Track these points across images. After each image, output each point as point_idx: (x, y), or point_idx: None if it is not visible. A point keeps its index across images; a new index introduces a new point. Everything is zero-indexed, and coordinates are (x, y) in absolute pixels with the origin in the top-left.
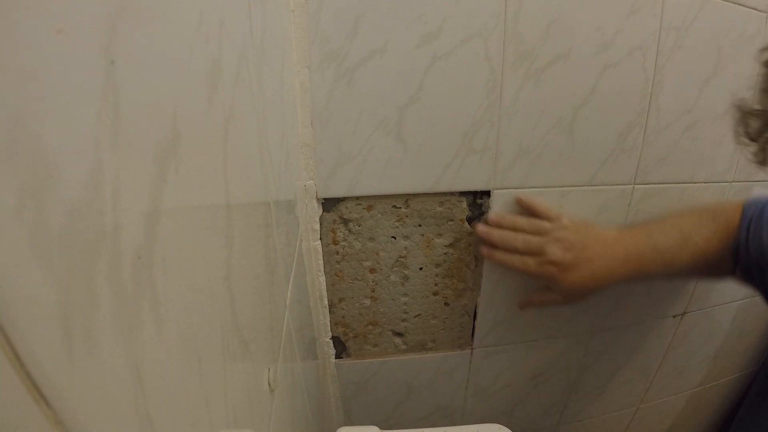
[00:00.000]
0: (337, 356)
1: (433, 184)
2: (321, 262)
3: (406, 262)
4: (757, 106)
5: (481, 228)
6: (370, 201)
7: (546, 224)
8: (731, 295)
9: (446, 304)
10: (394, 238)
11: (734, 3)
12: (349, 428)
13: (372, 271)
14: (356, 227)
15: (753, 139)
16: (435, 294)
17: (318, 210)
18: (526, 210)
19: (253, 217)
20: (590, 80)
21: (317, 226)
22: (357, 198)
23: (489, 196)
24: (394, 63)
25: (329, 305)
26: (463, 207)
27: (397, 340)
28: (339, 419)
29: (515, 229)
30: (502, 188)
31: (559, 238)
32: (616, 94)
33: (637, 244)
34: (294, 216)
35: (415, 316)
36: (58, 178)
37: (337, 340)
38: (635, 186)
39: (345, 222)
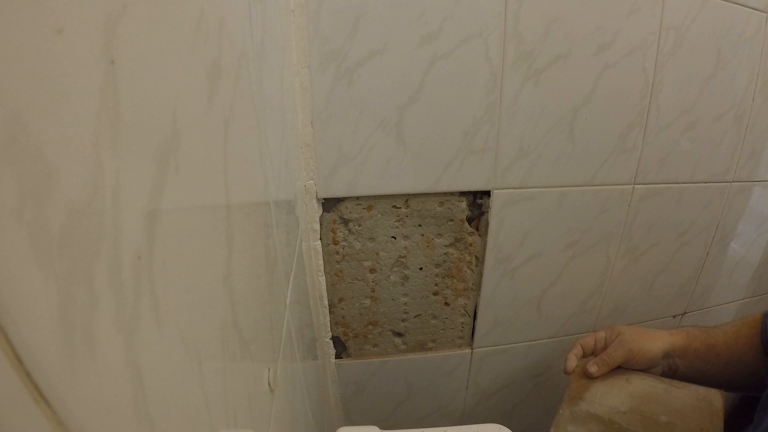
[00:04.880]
0: (337, 356)
1: (433, 184)
2: (321, 262)
3: (406, 262)
4: None
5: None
6: (370, 201)
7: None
8: (732, 295)
9: (446, 304)
10: (394, 238)
11: (734, 3)
12: (349, 428)
13: (372, 271)
14: (356, 227)
15: None
16: (435, 294)
17: (318, 210)
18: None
19: (253, 217)
20: (590, 80)
21: (317, 226)
22: (357, 198)
23: (489, 196)
24: (394, 63)
25: (329, 305)
26: (463, 207)
27: (397, 340)
28: (339, 419)
29: None
30: (502, 188)
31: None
32: (616, 94)
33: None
34: (294, 216)
35: (415, 316)
36: (58, 178)
37: (337, 340)
38: (635, 186)
39: (345, 222)
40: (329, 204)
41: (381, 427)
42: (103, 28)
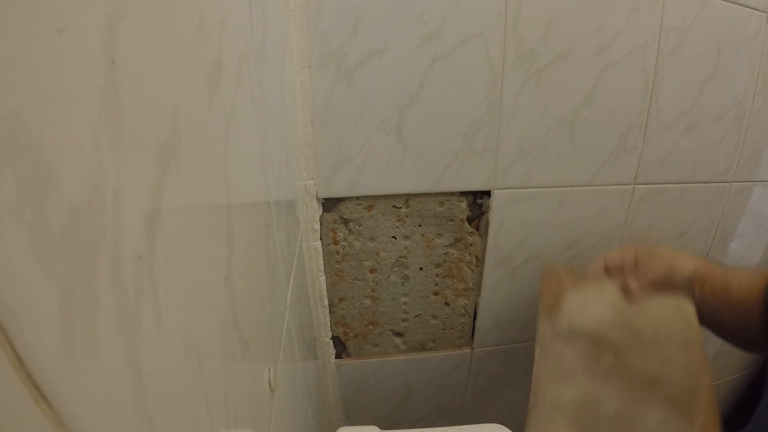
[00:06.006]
0: (337, 356)
1: (434, 184)
2: (321, 262)
3: (407, 262)
4: None
5: None
6: (370, 201)
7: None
8: None
9: (446, 304)
10: (395, 238)
11: (734, 3)
12: (349, 428)
13: (372, 271)
14: (356, 227)
15: None
16: (435, 294)
17: (318, 210)
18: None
19: (253, 217)
20: (590, 80)
21: (317, 226)
22: (357, 198)
23: (489, 196)
24: (395, 63)
25: (329, 305)
26: (463, 207)
27: (397, 340)
28: (339, 419)
29: None
30: (502, 188)
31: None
32: (616, 94)
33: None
34: (294, 216)
35: (415, 316)
36: (58, 178)
37: (337, 340)
38: (635, 186)
39: (345, 222)
40: (329, 204)
41: (381, 427)
42: (104, 28)
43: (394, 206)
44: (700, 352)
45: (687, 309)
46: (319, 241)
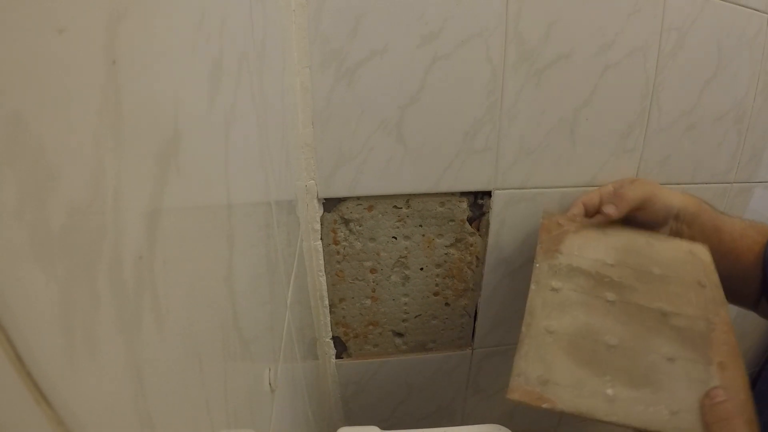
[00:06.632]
0: (338, 356)
1: (434, 184)
2: (322, 262)
3: (407, 263)
4: None
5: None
6: (370, 201)
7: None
8: None
9: (447, 304)
10: (395, 238)
11: (735, 4)
12: (349, 428)
13: (373, 271)
14: (357, 227)
15: None
16: (436, 294)
17: (319, 210)
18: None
19: (253, 217)
20: (591, 81)
21: (318, 226)
22: (358, 198)
23: (490, 196)
24: (395, 63)
25: (330, 305)
26: (463, 207)
27: (398, 340)
28: (339, 419)
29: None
30: (503, 188)
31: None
32: (617, 94)
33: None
34: (295, 216)
35: (415, 317)
36: (59, 178)
37: (337, 340)
38: None
39: (346, 222)
40: (330, 204)
41: (381, 427)
42: (104, 28)
43: (395, 206)
44: (717, 293)
45: (702, 254)
46: (319, 241)
